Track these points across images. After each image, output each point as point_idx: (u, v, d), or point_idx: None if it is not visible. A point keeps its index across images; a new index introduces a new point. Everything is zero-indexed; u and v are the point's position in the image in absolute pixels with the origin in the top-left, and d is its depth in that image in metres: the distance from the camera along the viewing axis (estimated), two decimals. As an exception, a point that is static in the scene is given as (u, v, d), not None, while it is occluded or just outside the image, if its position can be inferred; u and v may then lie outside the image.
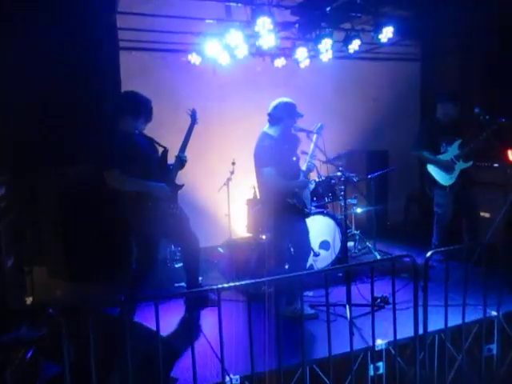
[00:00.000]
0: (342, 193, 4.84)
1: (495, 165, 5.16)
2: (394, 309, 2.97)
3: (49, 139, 4.36)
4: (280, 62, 5.64)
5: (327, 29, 4.98)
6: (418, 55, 6.79)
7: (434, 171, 4.87)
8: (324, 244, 4.85)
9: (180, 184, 3.74)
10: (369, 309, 3.61)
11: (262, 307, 3.55)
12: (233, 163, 5.24)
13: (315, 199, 4.98)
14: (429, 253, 3.06)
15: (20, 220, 4.09)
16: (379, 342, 3.16)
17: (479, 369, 3.34)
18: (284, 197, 3.63)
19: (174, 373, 2.95)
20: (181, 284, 4.44)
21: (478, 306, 3.39)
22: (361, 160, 6.36)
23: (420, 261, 3.12)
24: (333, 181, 5.10)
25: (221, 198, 5.43)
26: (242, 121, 5.44)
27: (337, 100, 6.27)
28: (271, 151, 3.58)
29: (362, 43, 5.21)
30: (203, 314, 3.89)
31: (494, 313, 3.49)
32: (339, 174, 4.68)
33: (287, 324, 3.52)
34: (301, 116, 3.73)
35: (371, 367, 3.15)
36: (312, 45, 5.24)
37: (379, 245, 5.56)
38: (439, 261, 4.49)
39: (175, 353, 3.13)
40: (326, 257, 4.84)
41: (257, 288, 3.96)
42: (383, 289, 3.93)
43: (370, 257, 5.31)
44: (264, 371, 2.84)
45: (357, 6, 4.92)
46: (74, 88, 4.40)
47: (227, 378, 2.80)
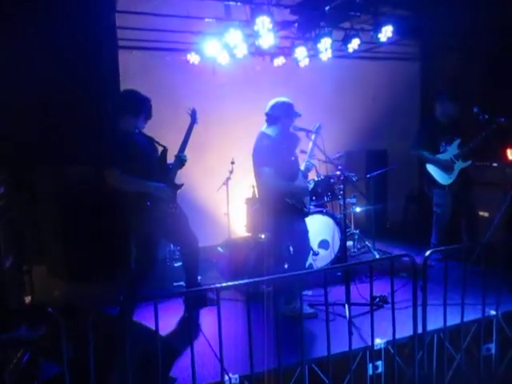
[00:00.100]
0: (341, 192, 4.84)
1: (494, 164, 5.17)
2: (393, 308, 2.97)
3: (49, 139, 4.36)
4: (279, 62, 5.63)
5: (326, 28, 4.98)
6: (418, 55, 6.79)
7: (434, 171, 4.88)
8: (323, 243, 4.85)
9: (179, 183, 3.74)
10: (368, 308, 3.62)
11: (261, 306, 3.56)
12: (232, 162, 5.24)
13: (314, 198, 4.99)
14: (428, 252, 3.06)
15: (19, 219, 4.09)
16: (378, 342, 3.17)
17: (478, 368, 3.34)
18: (283, 197, 3.62)
19: (173, 372, 2.95)
20: (180, 283, 4.44)
21: (477, 306, 3.39)
22: (360, 159, 6.36)
23: (419, 260, 3.12)
24: (332, 180, 5.11)
25: (220, 198, 5.43)
26: (242, 120, 5.44)
27: (336, 99, 6.27)
28: (269, 151, 3.58)
29: (362, 42, 5.20)
30: (202, 314, 3.89)
31: (493, 312, 3.50)
32: (338, 174, 4.69)
33: (286, 323, 3.53)
34: (298, 115, 3.72)
35: (370, 366, 3.15)
36: (311, 44, 5.24)
37: (378, 244, 5.57)
38: (438, 260, 4.50)
39: (174, 352, 3.14)
40: (325, 256, 4.85)
41: (256, 287, 3.96)
42: (382, 288, 3.93)
43: (369, 256, 5.31)
44: (263, 370, 2.84)
45: (356, 6, 4.92)
46: (74, 87, 4.40)
47: (226, 378, 2.80)
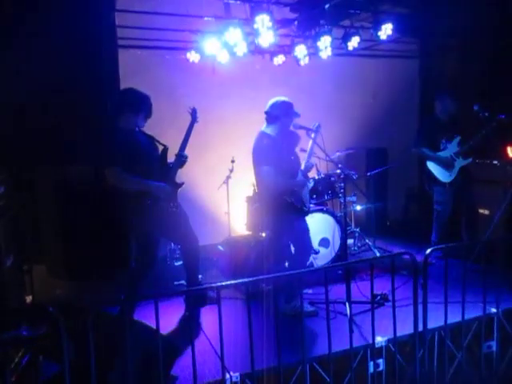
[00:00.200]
0: (342, 190, 4.85)
1: (494, 162, 5.16)
2: (394, 306, 2.97)
3: (49, 139, 4.35)
4: (279, 60, 5.62)
5: (326, 26, 4.96)
6: (417, 53, 6.77)
7: (434, 168, 4.88)
8: (323, 241, 4.85)
9: (180, 182, 3.74)
10: (368, 306, 3.62)
11: (262, 305, 3.56)
12: (232, 161, 5.23)
13: (315, 197, 4.98)
14: (428, 250, 3.06)
15: (20, 219, 4.09)
16: (379, 339, 3.17)
17: (479, 366, 3.35)
18: (282, 195, 3.63)
19: (174, 370, 2.95)
20: (181, 282, 4.44)
21: (478, 303, 3.40)
22: (360, 157, 6.36)
23: (419, 258, 3.12)
24: (332, 178, 5.11)
25: (220, 196, 5.43)
26: (242, 118, 5.43)
27: (336, 97, 6.26)
28: (269, 150, 3.60)
29: (361, 40, 5.19)
30: (203, 312, 3.89)
31: (494, 310, 3.50)
32: (339, 172, 4.68)
33: (287, 321, 3.53)
34: (298, 116, 3.74)
35: (371, 364, 3.15)
36: (311, 42, 5.22)
37: (379, 242, 5.57)
38: (439, 258, 4.50)
39: (175, 351, 3.14)
40: (326, 254, 4.85)
41: (256, 286, 3.96)
42: (383, 286, 3.92)
43: (370, 254, 5.31)
44: (264, 369, 2.84)
45: (356, 4, 4.92)
46: (74, 87, 4.40)
47: (227, 376, 2.80)
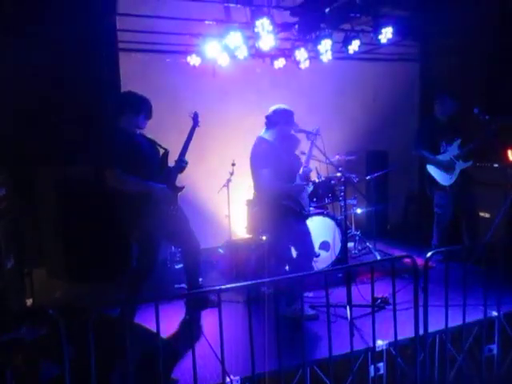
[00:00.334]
0: (342, 193, 4.85)
1: (495, 165, 5.16)
2: (395, 309, 2.97)
3: (49, 139, 4.36)
4: (280, 64, 5.63)
5: (327, 30, 4.98)
6: (417, 55, 6.79)
7: (434, 171, 4.88)
8: (324, 245, 4.84)
9: (180, 186, 3.74)
10: (369, 309, 3.61)
11: (263, 308, 3.55)
12: (233, 164, 5.23)
13: (315, 200, 4.98)
14: (429, 253, 3.06)
15: (20, 220, 4.09)
16: (380, 343, 3.16)
17: (480, 369, 3.34)
18: (280, 199, 3.66)
19: (175, 374, 2.95)
20: (181, 285, 4.43)
21: (479, 307, 3.39)
22: (360, 160, 6.35)
23: (420, 261, 3.12)
24: (332, 181, 5.11)
25: (221, 199, 5.42)
26: (242, 122, 5.44)
27: (336, 101, 6.27)
28: (267, 154, 3.66)
29: (362, 44, 5.20)
30: (203, 315, 3.88)
31: (495, 313, 3.49)
32: (339, 175, 4.68)
33: (287, 325, 3.52)
34: (296, 126, 3.86)
35: (372, 368, 3.15)
36: (311, 46, 5.23)
37: (379, 245, 5.56)
38: (439, 261, 4.50)
39: (176, 354, 3.14)
40: (326, 257, 4.84)
41: (257, 289, 3.96)
42: (383, 289, 3.92)
43: (370, 257, 5.30)
44: (264, 372, 2.83)
45: (356, 7, 4.92)
46: (74, 89, 4.41)
47: (228, 379, 2.79)
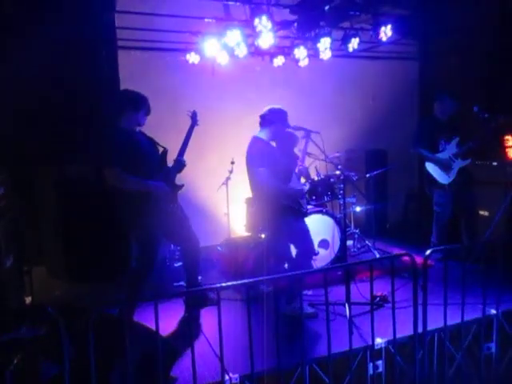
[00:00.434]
0: (341, 191, 4.86)
1: (494, 163, 5.16)
2: (394, 307, 2.97)
3: (48, 139, 4.36)
4: (279, 62, 5.62)
5: (326, 28, 4.97)
6: (417, 54, 6.78)
7: (433, 170, 4.87)
8: (323, 243, 4.85)
9: (180, 184, 3.74)
10: (368, 307, 3.61)
11: (262, 306, 3.56)
12: (232, 162, 5.23)
13: (314, 198, 4.98)
14: (428, 251, 3.06)
15: (20, 220, 4.09)
16: (378, 341, 3.17)
17: (478, 367, 3.34)
18: (278, 198, 3.67)
19: (174, 372, 2.95)
20: (180, 283, 4.44)
21: (477, 305, 3.39)
22: (359, 159, 6.36)
23: (419, 259, 3.12)
24: (332, 179, 5.11)
25: (220, 197, 5.43)
26: (241, 120, 5.43)
27: (336, 99, 6.27)
28: (263, 153, 3.69)
29: (361, 42, 5.20)
30: (203, 314, 3.89)
31: (493, 311, 3.50)
32: (338, 173, 4.69)
33: (286, 323, 3.53)
34: (289, 126, 3.90)
35: (370, 366, 3.15)
36: (311, 44, 5.23)
37: (378, 243, 5.57)
38: (438, 259, 4.51)
39: (175, 352, 3.14)
40: (325, 256, 4.85)
41: (256, 287, 3.96)
42: (382, 287, 3.93)
43: (369, 255, 5.31)
44: (263, 370, 2.84)
45: (356, 5, 4.91)
46: (74, 88, 4.40)
47: (226, 377, 2.80)
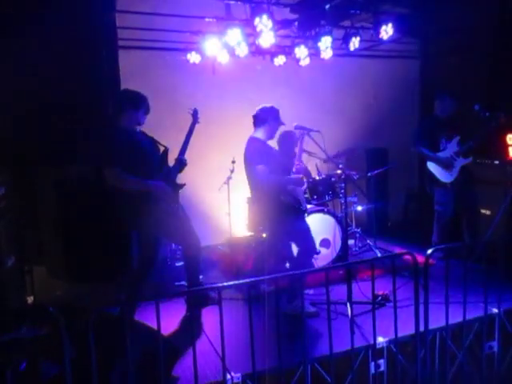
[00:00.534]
0: (343, 191, 4.85)
1: (495, 162, 5.15)
2: (395, 306, 2.97)
3: (49, 139, 4.35)
4: (280, 61, 5.62)
5: (327, 26, 4.96)
6: (418, 53, 6.77)
7: (434, 169, 4.86)
8: (324, 242, 4.84)
9: (181, 183, 3.74)
10: (370, 306, 3.61)
11: (263, 305, 3.56)
12: (233, 162, 5.23)
13: (315, 197, 4.98)
14: (429, 250, 3.06)
15: (20, 220, 4.09)
16: (380, 340, 3.16)
17: (480, 366, 3.34)
18: (278, 195, 3.67)
19: (176, 371, 2.95)
20: (181, 283, 4.44)
21: (479, 303, 3.39)
22: (361, 158, 6.35)
23: (421, 258, 3.12)
24: (333, 179, 5.11)
25: (221, 197, 5.43)
26: (242, 119, 5.37)
27: (336, 98, 6.26)
28: (261, 151, 3.73)
29: (362, 41, 5.19)
30: (204, 313, 3.89)
31: (495, 310, 3.49)
32: (339, 172, 4.68)
33: (288, 322, 3.53)
34: (283, 124, 3.93)
35: (372, 365, 3.15)
36: (312, 43, 5.22)
37: (380, 242, 5.56)
38: (440, 258, 4.49)
39: (176, 351, 3.14)
40: (327, 255, 4.85)
41: (257, 286, 3.96)
42: (384, 286, 3.92)
43: (371, 254, 5.30)
44: (265, 369, 2.84)
45: (356, 4, 4.90)
46: (74, 87, 4.39)
47: (228, 376, 2.80)
